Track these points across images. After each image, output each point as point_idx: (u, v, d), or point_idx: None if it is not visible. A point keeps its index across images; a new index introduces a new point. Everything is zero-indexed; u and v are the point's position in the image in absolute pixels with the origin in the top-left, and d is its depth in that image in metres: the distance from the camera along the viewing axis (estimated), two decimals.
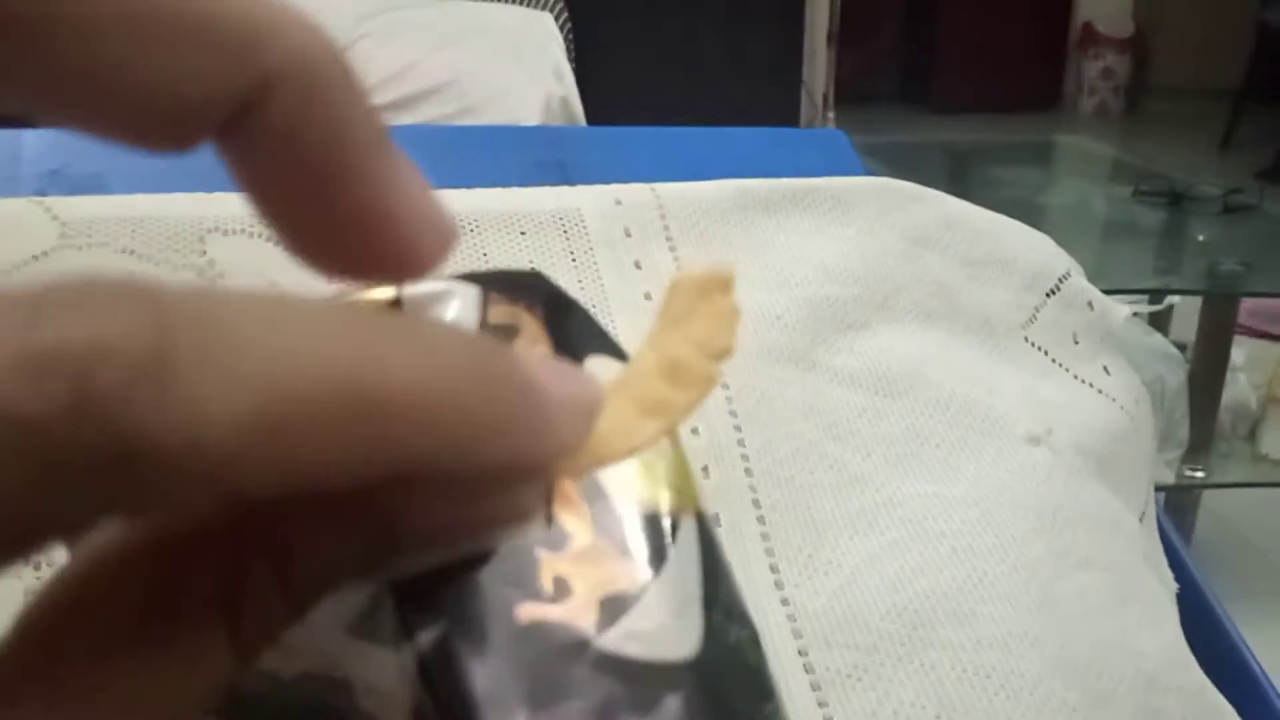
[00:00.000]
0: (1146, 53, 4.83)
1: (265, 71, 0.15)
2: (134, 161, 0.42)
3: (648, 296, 0.41)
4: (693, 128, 0.51)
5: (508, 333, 0.21)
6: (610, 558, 0.18)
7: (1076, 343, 0.46)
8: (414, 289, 0.20)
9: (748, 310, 0.41)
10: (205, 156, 0.44)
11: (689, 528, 0.20)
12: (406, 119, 1.33)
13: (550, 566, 0.17)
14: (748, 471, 0.36)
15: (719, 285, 0.21)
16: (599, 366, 0.21)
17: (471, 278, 0.22)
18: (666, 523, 0.19)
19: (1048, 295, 0.47)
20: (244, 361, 0.11)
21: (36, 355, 0.09)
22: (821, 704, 0.32)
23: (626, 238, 0.42)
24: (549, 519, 0.18)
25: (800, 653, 0.33)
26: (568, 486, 0.18)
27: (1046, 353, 0.45)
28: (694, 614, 0.18)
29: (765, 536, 0.35)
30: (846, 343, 0.42)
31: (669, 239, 0.43)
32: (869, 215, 0.47)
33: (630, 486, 0.19)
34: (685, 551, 0.19)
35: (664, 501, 0.19)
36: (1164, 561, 0.44)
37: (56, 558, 0.31)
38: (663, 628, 0.18)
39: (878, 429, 0.39)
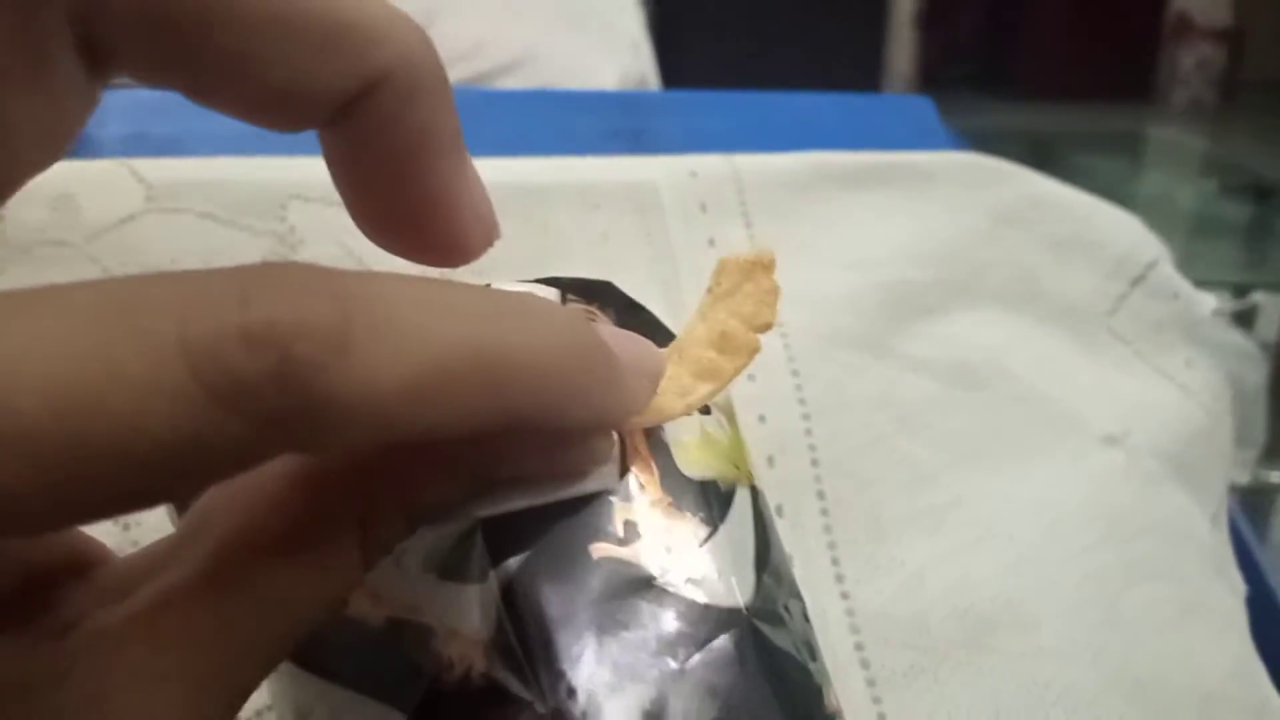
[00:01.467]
0: (1243, 45, 4.60)
1: (378, 69, 0.17)
2: (211, 125, 0.42)
3: None
4: (772, 92, 0.50)
5: None
6: (675, 512, 0.20)
7: (1160, 333, 0.44)
8: (501, 288, 0.22)
9: (821, 291, 0.40)
10: None
11: (744, 497, 0.21)
12: None
13: (623, 513, 0.19)
14: (814, 462, 0.36)
15: (762, 266, 0.23)
16: None
17: (552, 281, 0.23)
18: (723, 489, 0.21)
19: (1133, 283, 0.45)
20: (405, 336, 0.13)
21: (252, 330, 0.12)
22: (876, 700, 0.31)
23: (701, 213, 0.42)
24: (624, 470, 0.20)
25: (858, 648, 0.33)
26: (641, 447, 0.20)
27: (1129, 344, 0.44)
28: (747, 572, 0.20)
29: (828, 529, 0.35)
30: (923, 329, 0.41)
31: (745, 214, 0.42)
32: (953, 192, 0.45)
33: (694, 455, 0.21)
34: (740, 516, 0.21)
35: (722, 472, 0.21)
36: (1234, 565, 0.43)
37: (144, 518, 0.32)
38: (718, 577, 0.19)
39: (950, 423, 0.38)
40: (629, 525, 0.19)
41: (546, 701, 0.17)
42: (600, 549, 0.18)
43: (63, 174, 0.38)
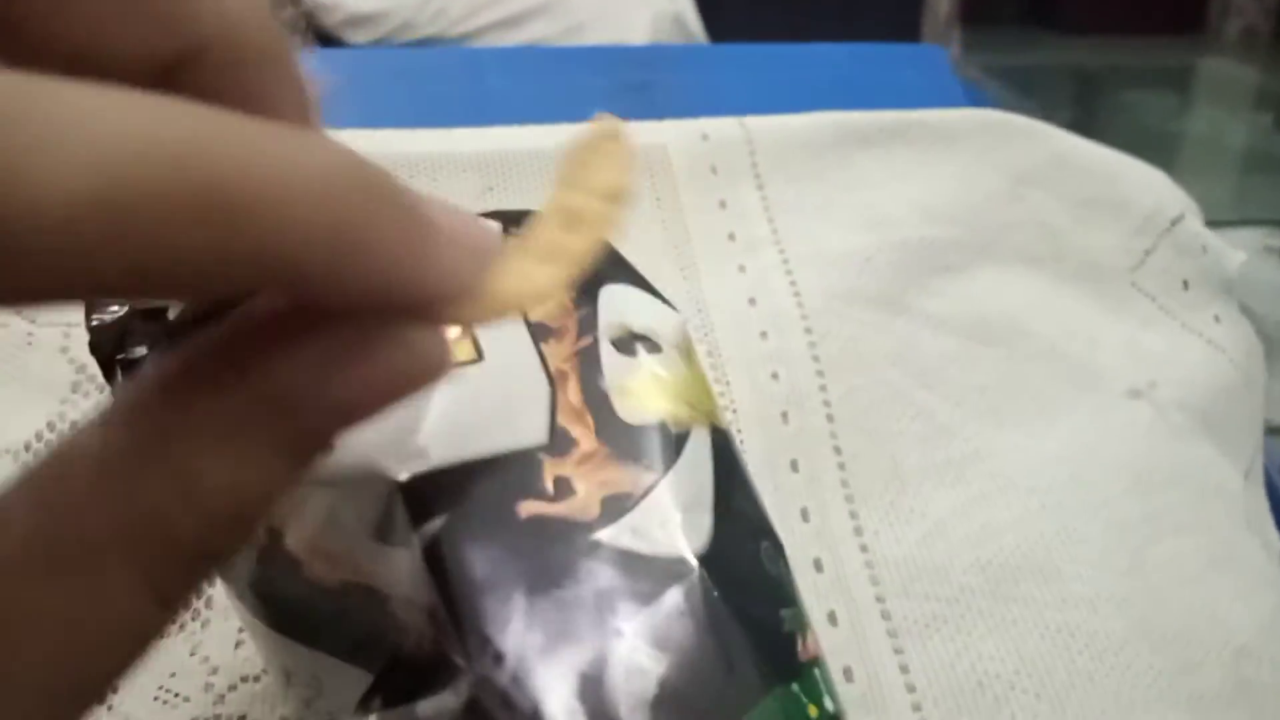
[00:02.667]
0: None
1: (194, 37, 0.14)
2: None
3: (731, 237, 0.40)
4: (780, 45, 0.50)
5: None
6: (613, 462, 0.19)
7: (1186, 289, 0.44)
8: None
9: (837, 251, 0.40)
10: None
11: (700, 438, 0.20)
12: (512, 38, 1.33)
13: (553, 469, 0.18)
14: (829, 418, 0.36)
15: (609, 134, 0.20)
16: (620, 291, 0.22)
17: (494, 214, 0.22)
18: (674, 432, 0.20)
19: (1159, 238, 0.45)
20: (85, 140, 0.11)
21: None
22: (897, 651, 0.31)
23: (712, 175, 0.41)
24: (551, 423, 0.19)
25: (878, 599, 0.32)
26: (573, 397, 0.19)
27: (1154, 299, 0.43)
28: (703, 517, 0.19)
29: (845, 484, 0.34)
30: (941, 286, 0.40)
31: (757, 176, 0.42)
32: (974, 152, 0.45)
33: (639, 400, 0.20)
34: (694, 459, 0.20)
35: (674, 413, 0.20)
36: (1269, 521, 0.42)
37: None
38: (665, 526, 0.18)
39: (970, 378, 0.38)
40: (560, 481, 0.18)
41: (473, 668, 0.16)
42: (529, 507, 0.18)
43: None
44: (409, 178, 0.39)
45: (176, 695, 0.28)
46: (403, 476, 0.17)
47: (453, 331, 0.19)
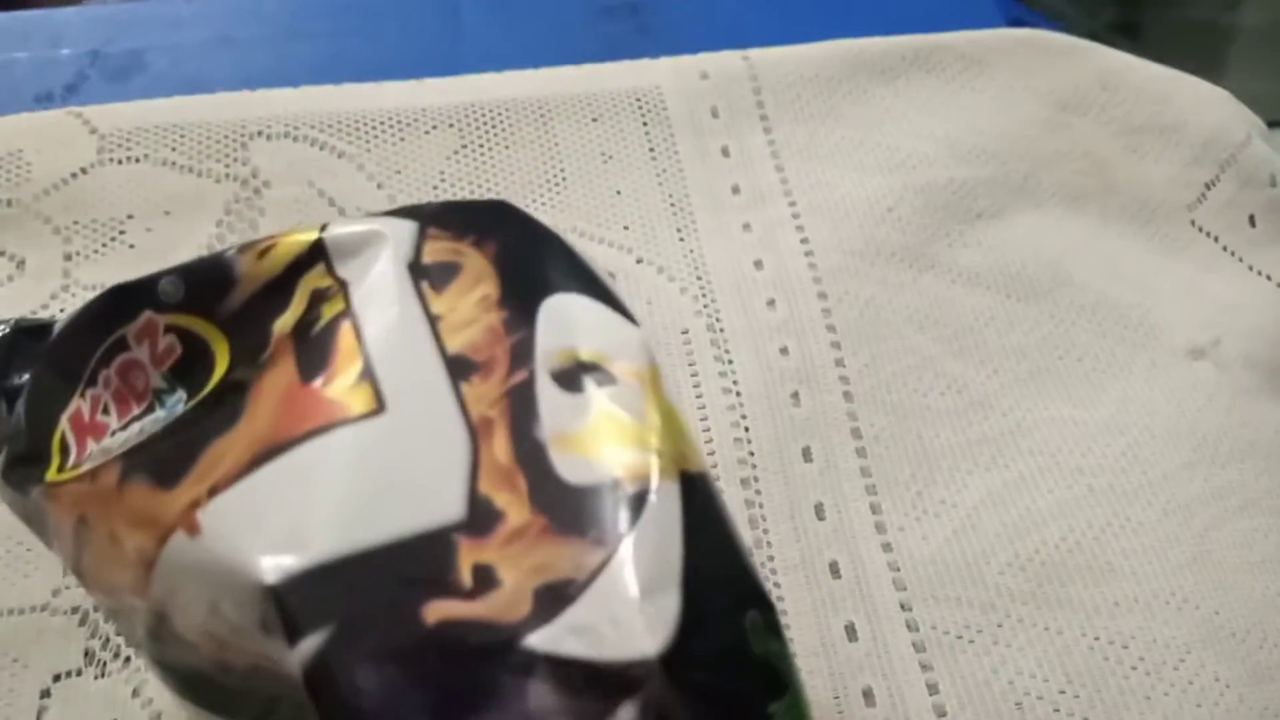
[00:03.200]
0: None
1: None
2: (172, 37, 0.39)
3: (735, 190, 0.36)
4: None
5: (447, 270, 0.18)
6: (550, 538, 0.15)
7: (1253, 225, 0.39)
8: (339, 229, 0.18)
9: (853, 200, 0.36)
10: (247, 25, 0.39)
11: (667, 493, 0.16)
12: None
13: (471, 554, 0.15)
14: (846, 396, 0.32)
15: None
16: (565, 304, 0.18)
17: (413, 212, 0.19)
18: (630, 491, 0.16)
19: (1222, 168, 0.40)
20: None
21: None
22: (925, 667, 0.28)
23: (713, 119, 0.37)
24: (470, 492, 0.15)
25: (903, 607, 0.29)
26: (500, 454, 0.16)
27: (1216, 239, 0.38)
28: (669, 597, 0.15)
29: (866, 472, 0.31)
30: (974, 235, 0.36)
31: (764, 116, 0.37)
32: (1008, 76, 0.40)
33: (586, 450, 0.16)
34: (660, 522, 0.16)
35: (631, 465, 0.16)
36: None
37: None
38: (619, 618, 0.14)
39: (1007, 340, 0.33)
40: (480, 570, 0.14)
41: None
42: (438, 609, 0.14)
43: (9, 128, 0.35)
44: (373, 140, 0.35)
45: None
46: (271, 579, 0.14)
47: (348, 376, 0.15)
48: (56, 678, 0.27)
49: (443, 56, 0.39)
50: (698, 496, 0.17)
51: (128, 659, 0.27)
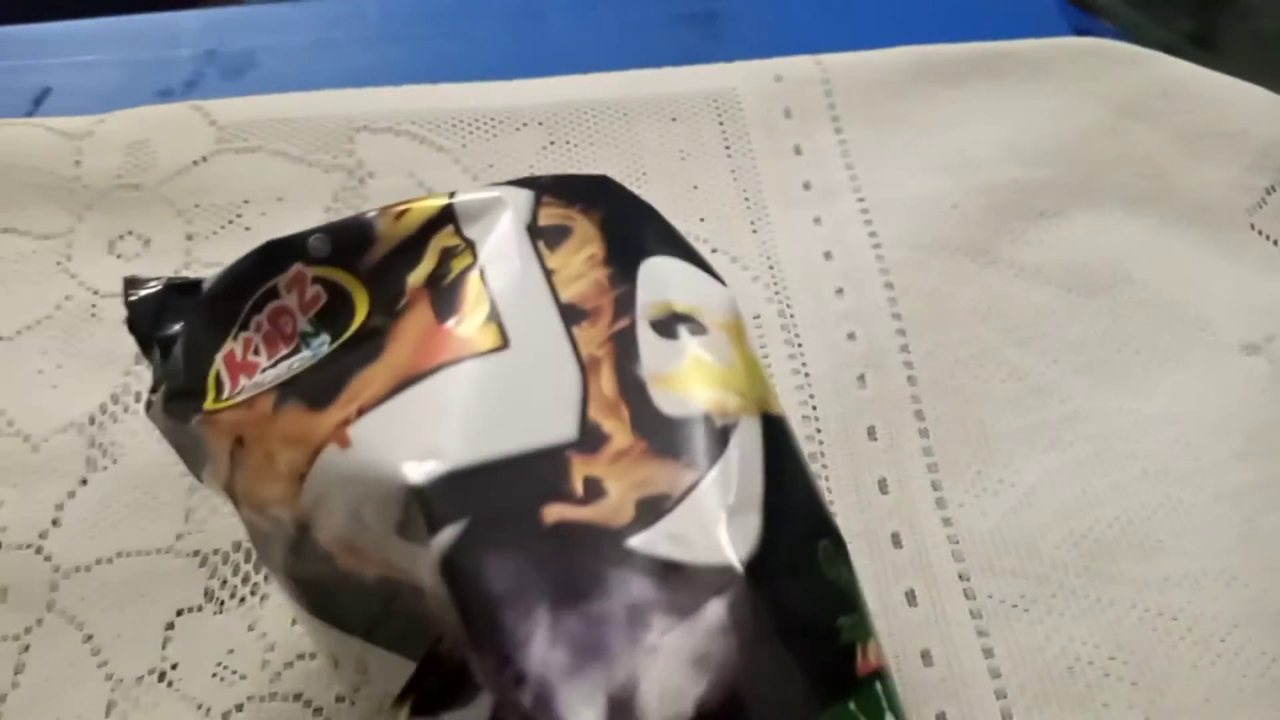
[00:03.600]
0: None
1: None
2: (281, 38, 0.42)
3: (807, 186, 0.38)
4: None
5: (559, 233, 0.20)
6: (650, 459, 0.17)
7: None
8: (466, 196, 0.20)
9: (919, 197, 0.37)
10: (349, 28, 0.42)
11: (749, 429, 0.18)
12: None
13: (582, 468, 0.17)
14: (910, 380, 0.33)
15: None
16: (662, 264, 0.20)
17: (529, 182, 0.21)
18: (719, 424, 0.18)
19: None
20: None
21: None
22: (981, 633, 0.29)
23: (786, 119, 0.39)
24: (582, 416, 0.18)
25: (961, 577, 0.30)
26: (607, 388, 0.18)
27: (1276, 242, 0.39)
28: (751, 518, 0.17)
29: (928, 451, 0.32)
30: (1036, 233, 0.37)
31: (835, 118, 0.39)
32: (1070, 83, 0.41)
33: (681, 389, 0.18)
34: (742, 452, 0.18)
35: (720, 403, 0.18)
36: None
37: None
38: (707, 530, 0.17)
39: (1067, 333, 0.35)
40: (590, 482, 0.17)
41: (494, 689, 0.15)
42: (555, 512, 0.16)
43: (137, 120, 0.38)
44: (469, 136, 0.38)
45: (234, 672, 0.28)
46: (416, 479, 0.16)
47: (477, 318, 0.17)
48: (179, 612, 0.29)
49: (531, 59, 0.41)
50: (777, 436, 0.19)
51: (243, 599, 0.29)
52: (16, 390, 0.33)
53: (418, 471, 0.16)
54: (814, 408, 0.33)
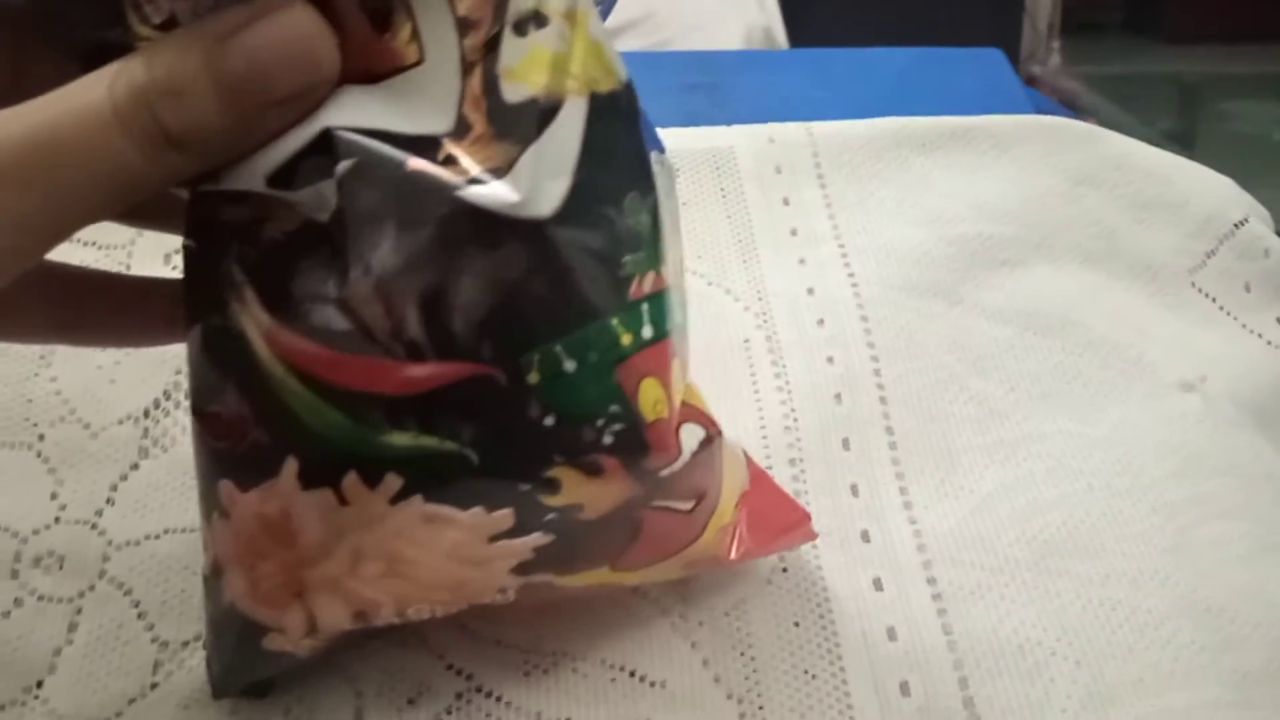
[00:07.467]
0: None
1: None
2: None
3: (794, 232, 0.42)
4: (842, 49, 0.52)
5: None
6: (493, 141, 0.22)
7: (1248, 291, 0.44)
8: None
9: (894, 245, 0.42)
10: None
11: (574, 107, 0.23)
12: None
13: (447, 148, 0.22)
14: (882, 400, 0.37)
15: None
16: None
17: None
18: (542, 105, 0.23)
19: (1221, 241, 0.45)
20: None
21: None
22: (941, 612, 0.32)
23: (777, 174, 0.44)
24: (458, 114, 0.22)
25: (924, 565, 0.34)
26: (474, 87, 0.22)
27: (1214, 300, 0.44)
28: (559, 181, 0.22)
29: (896, 461, 0.36)
30: (998, 280, 0.42)
31: (820, 175, 0.44)
32: (1032, 154, 0.46)
33: (521, 76, 0.23)
34: (562, 127, 0.23)
35: (548, 85, 0.23)
36: None
37: None
38: (518, 192, 0.22)
39: (1023, 365, 0.39)
40: (447, 158, 0.22)
41: (349, 274, 0.21)
42: (415, 163, 0.21)
43: None
44: None
45: None
46: (329, 123, 0.21)
47: (404, 34, 0.22)
48: None
49: None
50: (603, 111, 0.23)
51: None
52: (79, 383, 0.36)
53: (331, 120, 0.21)
54: (795, 420, 0.37)
